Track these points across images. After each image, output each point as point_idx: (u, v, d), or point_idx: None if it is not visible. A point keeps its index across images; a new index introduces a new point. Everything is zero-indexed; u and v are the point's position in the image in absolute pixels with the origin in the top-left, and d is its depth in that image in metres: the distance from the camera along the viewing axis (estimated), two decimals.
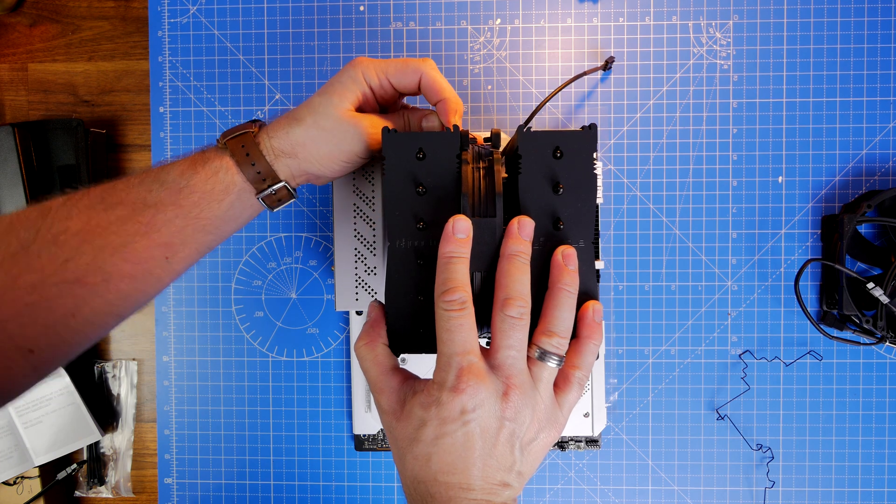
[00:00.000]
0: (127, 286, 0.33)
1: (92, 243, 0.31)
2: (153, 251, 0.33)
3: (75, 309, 0.31)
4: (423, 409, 0.29)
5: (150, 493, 0.56)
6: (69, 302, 0.31)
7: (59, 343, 0.32)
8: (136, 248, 0.32)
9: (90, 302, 0.32)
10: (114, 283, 0.32)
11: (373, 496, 0.54)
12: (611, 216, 0.53)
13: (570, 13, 0.53)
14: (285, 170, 0.35)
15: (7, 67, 0.56)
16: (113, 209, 0.32)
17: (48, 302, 0.31)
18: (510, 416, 0.29)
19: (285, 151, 0.35)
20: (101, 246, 0.31)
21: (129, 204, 0.32)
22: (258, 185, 0.35)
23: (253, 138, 0.35)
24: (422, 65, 0.36)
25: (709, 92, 0.52)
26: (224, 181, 0.34)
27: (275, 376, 0.54)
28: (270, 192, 0.35)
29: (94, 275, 0.31)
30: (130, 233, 0.32)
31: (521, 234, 0.31)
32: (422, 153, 0.32)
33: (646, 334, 0.53)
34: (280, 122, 0.36)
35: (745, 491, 0.52)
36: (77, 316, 0.32)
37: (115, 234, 0.32)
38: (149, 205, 0.32)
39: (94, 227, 0.31)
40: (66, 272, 0.31)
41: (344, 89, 0.35)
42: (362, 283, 0.42)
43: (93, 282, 0.31)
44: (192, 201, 0.33)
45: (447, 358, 0.29)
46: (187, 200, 0.33)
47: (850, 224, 0.48)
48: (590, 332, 0.32)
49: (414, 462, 0.30)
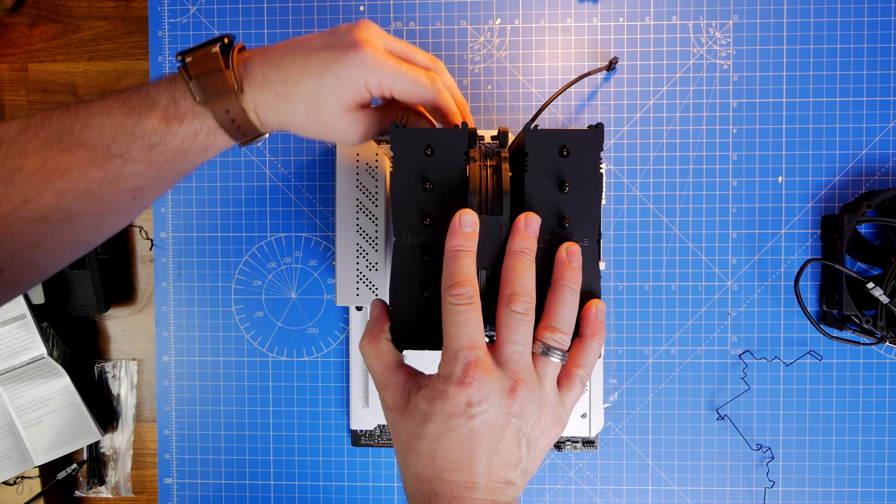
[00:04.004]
0: (92, 221, 0.32)
1: (52, 186, 0.30)
2: (119, 195, 0.32)
3: (40, 240, 0.31)
4: (427, 403, 0.29)
5: (150, 493, 0.56)
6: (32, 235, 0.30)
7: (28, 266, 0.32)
8: (102, 193, 0.31)
9: (55, 235, 0.31)
10: (78, 220, 0.31)
11: (373, 496, 0.54)
12: (611, 216, 0.53)
13: (570, 13, 0.53)
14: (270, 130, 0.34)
15: (7, 67, 0.56)
16: (72, 152, 0.30)
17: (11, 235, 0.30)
18: (516, 412, 0.29)
19: (273, 126, 0.33)
20: (62, 189, 0.30)
21: (90, 149, 0.30)
22: (241, 139, 0.33)
23: (238, 103, 0.31)
24: (430, 90, 0.33)
25: (709, 92, 0.52)
26: (204, 142, 0.32)
27: (275, 376, 0.54)
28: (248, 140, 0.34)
29: (56, 214, 0.30)
30: (95, 180, 0.30)
31: (528, 230, 0.31)
32: (430, 149, 0.32)
33: (646, 334, 0.53)
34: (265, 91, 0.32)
35: (745, 491, 0.52)
36: (42, 246, 0.31)
37: (76, 179, 0.30)
38: (113, 154, 0.30)
39: (52, 169, 0.30)
40: (25, 211, 0.30)
41: (342, 91, 0.32)
42: (363, 279, 0.42)
43: (56, 219, 0.31)
44: (166, 158, 0.31)
45: (454, 352, 0.29)
46: (160, 157, 0.31)
47: (850, 224, 0.48)
48: (593, 330, 0.32)
49: (417, 459, 0.29)
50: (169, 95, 0.31)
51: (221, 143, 0.33)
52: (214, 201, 0.54)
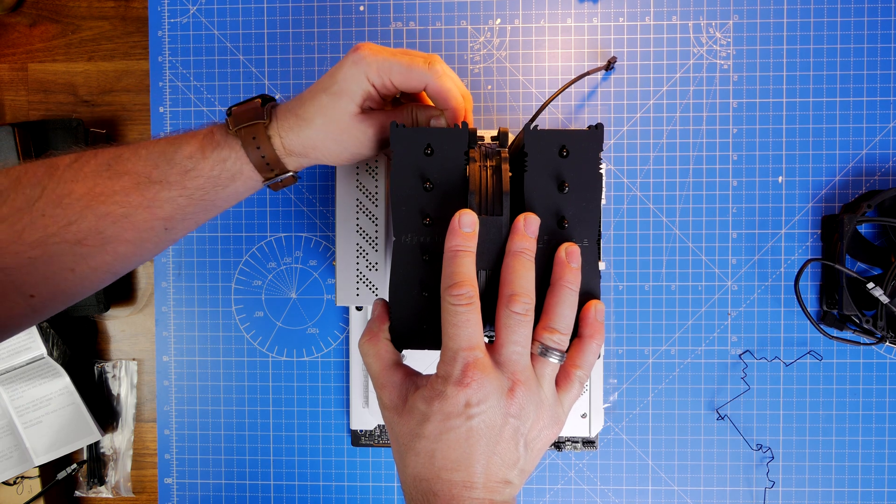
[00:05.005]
0: (125, 249, 0.34)
1: (94, 210, 0.32)
2: (153, 223, 0.34)
3: (74, 265, 0.33)
4: (426, 403, 0.29)
5: (150, 493, 0.56)
6: (69, 259, 0.33)
7: (57, 292, 0.34)
8: (137, 220, 0.33)
9: (89, 260, 0.33)
10: (112, 246, 0.34)
11: (373, 496, 0.54)
12: (611, 216, 0.53)
13: (570, 13, 0.53)
14: (294, 163, 0.36)
15: (7, 67, 0.56)
16: (118, 178, 0.33)
17: (49, 257, 0.32)
18: (514, 413, 0.29)
19: (295, 151, 0.35)
20: (103, 213, 0.33)
21: (134, 175, 0.33)
22: (265, 174, 0.36)
23: (265, 131, 0.35)
24: (427, 71, 0.34)
25: (709, 92, 0.52)
26: (231, 170, 0.35)
27: (275, 376, 0.54)
28: (276, 180, 0.36)
29: (94, 238, 0.33)
30: (133, 205, 0.33)
31: (527, 231, 0.31)
32: (430, 149, 0.32)
33: (646, 334, 0.53)
34: (288, 117, 0.35)
35: (745, 491, 0.52)
36: (76, 271, 0.33)
37: (118, 203, 0.33)
38: (153, 181, 0.33)
39: (98, 194, 0.32)
40: (67, 233, 0.32)
41: (350, 90, 0.34)
42: (363, 279, 0.42)
43: (92, 244, 0.33)
44: (198, 184, 0.34)
45: (452, 352, 0.29)
46: (193, 183, 0.34)
47: (850, 224, 0.48)
48: (592, 331, 0.32)
49: (416, 459, 0.29)
50: (209, 129, 0.35)
51: (248, 174, 0.35)
52: None
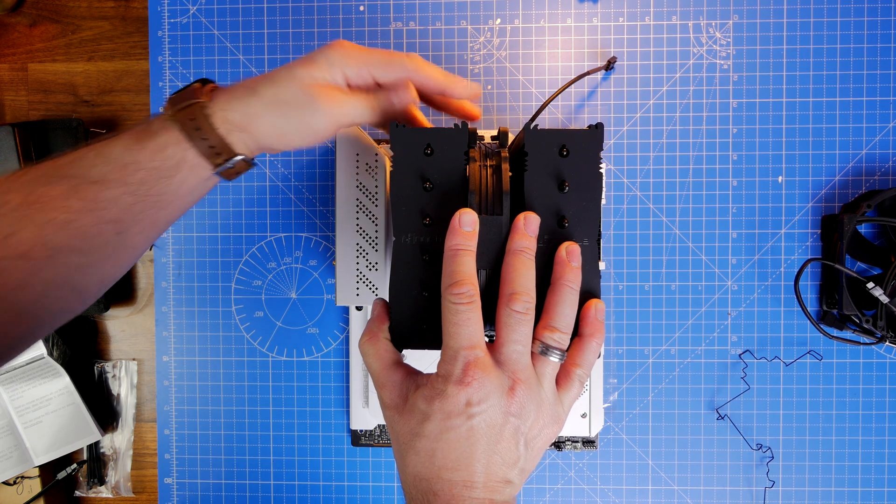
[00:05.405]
0: (77, 259, 0.32)
1: (33, 219, 0.30)
2: (101, 227, 0.32)
3: (24, 282, 0.31)
4: (426, 402, 0.29)
5: (150, 493, 0.56)
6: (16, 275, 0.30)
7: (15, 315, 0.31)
8: (83, 225, 0.31)
9: (39, 274, 0.31)
10: (62, 257, 0.31)
11: (373, 496, 0.54)
12: (611, 216, 0.53)
13: (570, 13, 0.53)
14: (241, 143, 0.33)
15: (7, 67, 0.56)
16: (55, 184, 0.31)
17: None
18: (515, 412, 0.29)
19: (237, 124, 0.32)
20: (44, 221, 0.30)
21: (71, 178, 0.31)
22: (213, 160, 0.33)
23: (202, 110, 0.32)
24: (408, 62, 0.33)
25: (709, 92, 0.52)
26: (173, 157, 0.32)
27: (275, 376, 0.54)
28: (227, 166, 0.33)
29: (39, 249, 0.30)
30: (74, 209, 0.31)
31: (527, 230, 0.31)
32: (429, 149, 0.32)
33: (646, 334, 0.53)
34: (236, 90, 0.33)
35: (745, 491, 0.52)
36: (27, 288, 0.31)
37: (58, 209, 0.30)
38: (92, 181, 0.31)
39: (34, 201, 0.30)
40: (7, 247, 0.30)
41: (313, 65, 0.32)
42: (363, 279, 0.42)
43: (38, 256, 0.30)
44: (139, 178, 0.31)
45: (453, 351, 0.29)
46: (133, 177, 0.31)
47: (849, 224, 0.48)
48: (592, 330, 0.32)
49: (416, 458, 0.29)
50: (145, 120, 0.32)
51: (192, 161, 0.32)
52: (214, 201, 0.54)
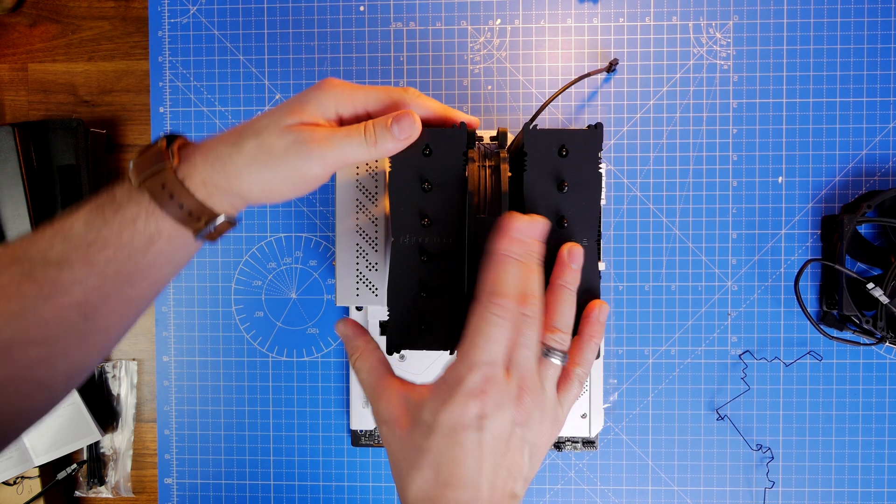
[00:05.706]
0: (36, 352, 0.28)
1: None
2: (63, 313, 0.28)
3: None
4: (432, 413, 0.28)
5: (150, 493, 0.56)
6: None
7: None
8: (41, 313, 0.27)
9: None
10: (18, 350, 0.27)
11: (373, 496, 0.54)
12: (611, 216, 0.53)
13: (570, 13, 0.53)
14: (224, 204, 0.30)
15: (7, 67, 0.56)
16: (6, 270, 0.27)
17: None
18: (521, 421, 0.28)
19: (221, 186, 0.29)
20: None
21: (24, 262, 0.27)
22: (193, 226, 0.29)
23: (174, 176, 0.28)
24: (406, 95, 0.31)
25: (709, 92, 0.52)
26: (146, 231, 0.28)
27: (275, 376, 0.54)
28: (209, 230, 0.30)
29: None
30: (29, 296, 0.27)
31: (531, 231, 0.30)
32: (428, 150, 0.32)
33: (646, 334, 0.53)
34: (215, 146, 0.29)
35: (745, 491, 0.52)
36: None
37: (9, 298, 0.27)
38: (50, 262, 0.27)
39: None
40: None
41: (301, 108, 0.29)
42: (363, 279, 0.42)
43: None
44: (106, 257, 0.28)
45: (473, 363, 0.27)
46: (99, 256, 0.28)
47: (849, 224, 0.48)
48: (593, 330, 0.32)
49: (419, 476, 0.28)
50: (108, 190, 0.29)
51: (169, 231, 0.29)
52: None
